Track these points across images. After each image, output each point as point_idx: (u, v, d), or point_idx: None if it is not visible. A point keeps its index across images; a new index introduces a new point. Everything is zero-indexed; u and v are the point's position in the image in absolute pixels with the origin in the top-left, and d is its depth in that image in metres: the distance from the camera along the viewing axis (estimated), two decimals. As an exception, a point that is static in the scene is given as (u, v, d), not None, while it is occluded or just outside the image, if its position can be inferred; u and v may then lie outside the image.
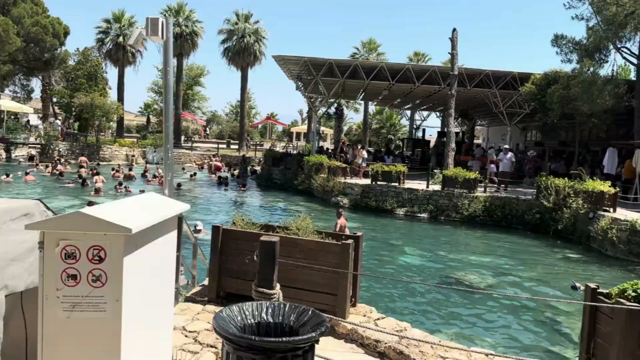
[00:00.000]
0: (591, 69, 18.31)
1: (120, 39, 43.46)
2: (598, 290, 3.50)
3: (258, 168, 32.56)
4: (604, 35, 18.98)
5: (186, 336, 3.69)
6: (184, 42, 44.43)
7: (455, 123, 42.87)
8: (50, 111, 44.88)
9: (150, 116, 64.84)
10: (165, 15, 43.82)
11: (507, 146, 22.46)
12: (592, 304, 3.31)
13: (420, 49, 50.35)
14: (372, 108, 52.19)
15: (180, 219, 5.22)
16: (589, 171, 21.20)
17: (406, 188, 19.58)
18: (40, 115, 48.17)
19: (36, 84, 43.95)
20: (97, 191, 20.18)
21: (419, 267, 12.22)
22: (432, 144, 37.09)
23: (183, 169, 32.43)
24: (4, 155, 33.12)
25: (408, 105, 37.99)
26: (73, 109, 36.21)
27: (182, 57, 45.83)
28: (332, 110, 51.10)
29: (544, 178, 16.96)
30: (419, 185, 20.38)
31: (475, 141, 45.51)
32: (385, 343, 3.84)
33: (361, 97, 34.49)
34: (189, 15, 45.23)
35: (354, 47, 47.23)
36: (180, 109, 46.67)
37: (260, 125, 62.80)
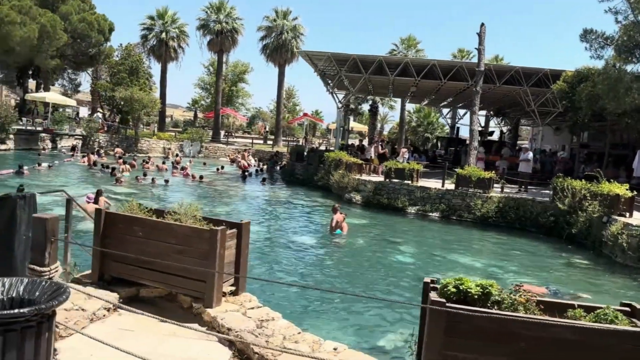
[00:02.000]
0: (617, 65, 17.21)
1: (163, 35, 44.82)
2: (432, 285, 3.30)
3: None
4: (637, 30, 17.81)
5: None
6: (224, 39, 45.29)
7: (496, 122, 41.83)
8: (97, 104, 46.98)
9: (198, 111, 66.70)
10: (207, 12, 45.06)
11: (526, 145, 21.57)
12: (425, 306, 3.12)
13: (465, 46, 49.02)
14: (412, 106, 51.49)
15: (68, 200, 5.35)
16: (624, 174, 20.12)
17: (419, 186, 19.16)
18: (89, 108, 50.59)
19: (84, 78, 46.09)
20: (118, 180, 20.91)
21: (405, 265, 11.93)
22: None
23: (204, 163, 33.17)
24: (49, 145, 34.93)
25: (443, 103, 37.18)
26: (114, 102, 37.70)
27: (222, 53, 46.72)
28: (363, 106, 50.73)
29: (560, 179, 16.17)
30: (436, 184, 19.93)
31: (523, 143, 44.01)
32: (236, 332, 3.78)
33: (391, 93, 33.95)
34: (230, 12, 45.99)
35: (393, 44, 46.65)
36: (220, 105, 47.56)
37: (305, 122, 63.13)
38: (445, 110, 41.12)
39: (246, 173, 27.46)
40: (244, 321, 3.98)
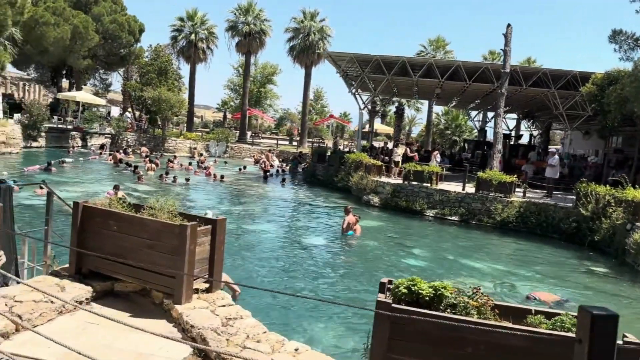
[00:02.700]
0: (647, 67, 16.51)
1: (193, 36, 45.44)
2: (388, 286, 3.15)
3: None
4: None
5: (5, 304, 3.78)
6: (252, 40, 45.60)
7: (526, 125, 40.83)
8: (128, 104, 47.97)
9: (227, 112, 67.45)
10: (235, 14, 45.51)
11: (553, 149, 20.93)
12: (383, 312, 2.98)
13: (496, 48, 48.08)
14: (440, 109, 50.82)
15: (49, 193, 5.39)
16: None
17: (438, 189, 18.83)
18: (121, 108, 51.71)
19: (115, 78, 47.15)
20: (139, 178, 21.25)
21: (415, 268, 11.69)
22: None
23: (225, 162, 33.49)
24: (80, 143, 35.87)
25: (471, 106, 36.53)
26: (143, 102, 38.44)
27: (250, 55, 47.06)
28: (389, 108, 50.27)
29: (583, 184, 15.61)
30: (456, 187, 19.56)
31: (554, 147, 42.78)
32: (199, 329, 3.71)
33: (416, 95, 33.54)
34: (258, 14, 46.27)
35: (421, 45, 46.11)
36: (247, 105, 47.93)
37: (332, 124, 63.01)
38: (473, 113, 40.47)
39: (267, 173, 27.53)
40: (210, 319, 3.91)
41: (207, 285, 4.49)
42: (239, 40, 45.94)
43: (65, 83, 43.80)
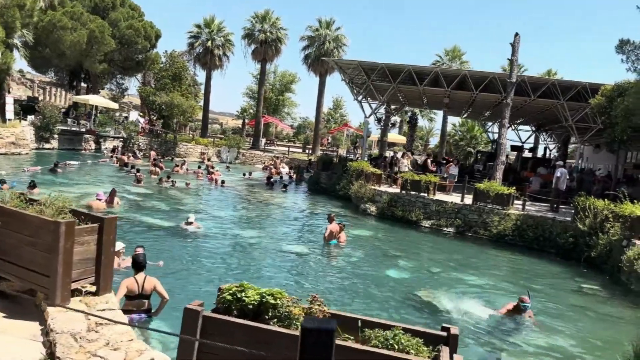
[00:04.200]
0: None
1: (209, 43, 45.86)
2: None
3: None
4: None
5: None
6: (267, 48, 45.80)
7: (544, 138, 39.85)
8: (145, 109, 48.59)
9: (246, 119, 67.87)
10: (252, 22, 45.81)
11: (560, 162, 20.24)
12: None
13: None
14: (457, 120, 50.11)
15: None
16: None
17: (435, 199, 18.36)
18: (140, 112, 52.42)
19: (133, 82, 47.83)
20: (139, 181, 21.30)
21: (395, 280, 11.28)
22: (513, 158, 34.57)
23: (228, 167, 33.57)
24: (93, 146, 36.37)
25: (484, 117, 35.84)
26: (156, 107, 38.83)
27: (266, 62, 47.24)
28: (397, 118, 49.72)
29: (582, 198, 14.98)
30: (455, 198, 19.09)
31: (571, 161, 41.60)
32: (56, 333, 3.48)
33: (425, 104, 33.05)
34: (275, 22, 46.48)
35: (437, 55, 45.67)
36: (261, 112, 48.06)
37: (349, 132, 62.62)
38: (489, 124, 39.71)
39: (271, 180, 27.37)
40: (76, 323, 3.67)
41: (94, 287, 4.26)
42: (255, 48, 46.18)
43: (83, 87, 44.61)
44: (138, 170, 23.99)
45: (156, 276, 7.10)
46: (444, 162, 27.72)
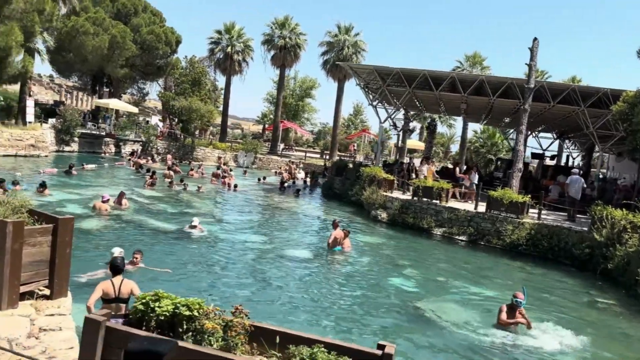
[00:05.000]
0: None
1: (229, 49, 46.13)
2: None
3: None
4: None
5: None
6: (287, 54, 45.82)
7: (568, 145, 38.82)
8: (165, 113, 49.13)
9: (266, 125, 68.12)
10: (271, 28, 45.96)
11: (575, 170, 19.56)
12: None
13: (540, 66, 46.37)
14: (478, 127, 49.31)
15: None
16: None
17: (447, 207, 17.92)
18: (160, 116, 53.05)
19: (154, 87, 48.44)
20: (152, 185, 21.37)
21: (397, 289, 10.93)
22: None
23: (244, 172, 33.55)
24: (113, 149, 36.83)
25: (503, 123, 35.08)
26: (175, 111, 39.16)
27: (284, 68, 47.28)
28: (416, 124, 49.17)
29: (599, 207, 14.38)
30: (469, 205, 18.62)
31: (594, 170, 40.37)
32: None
33: (443, 110, 32.50)
34: (294, 28, 46.51)
35: (457, 61, 45.03)
36: (279, 118, 48.09)
37: (369, 138, 62.15)
38: (510, 131, 38.89)
39: (285, 185, 27.21)
40: (17, 328, 3.51)
41: (48, 291, 4.10)
42: (275, 54, 46.27)
43: (105, 91, 45.35)
44: (154, 174, 24.09)
45: (135, 279, 6.95)
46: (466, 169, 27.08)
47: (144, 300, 2.45)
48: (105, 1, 40.49)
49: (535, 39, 20.94)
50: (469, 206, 18.30)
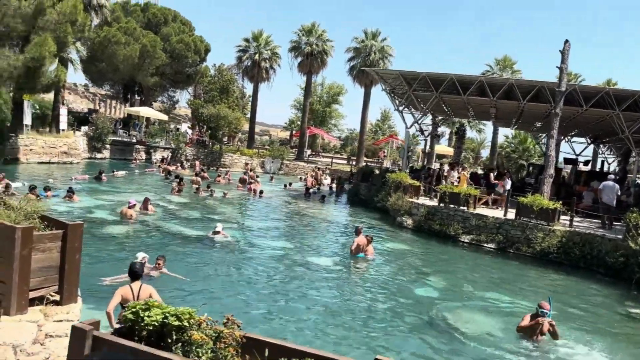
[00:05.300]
0: None
1: (257, 56, 46.55)
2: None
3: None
4: None
5: None
6: (313, 60, 45.96)
7: (604, 150, 37.64)
8: (195, 120, 49.87)
9: (293, 131, 68.43)
10: (298, 35, 46.23)
11: (611, 175, 18.89)
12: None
13: (572, 69, 45.38)
14: (509, 131, 48.34)
15: None
16: None
17: (475, 213, 17.52)
18: (190, 123, 53.89)
19: (183, 95, 49.28)
20: (179, 191, 21.62)
21: (421, 298, 10.68)
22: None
23: (271, 178, 33.67)
24: (143, 156, 37.58)
25: (535, 128, 34.27)
26: (204, 118, 39.71)
27: (311, 74, 47.41)
28: (444, 130, 48.45)
29: (635, 214, 13.80)
30: (497, 212, 18.19)
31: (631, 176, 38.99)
32: (-3, 343, 3.31)
33: (472, 115, 31.94)
34: (321, 34, 46.62)
35: (487, 65, 44.35)
36: (306, 124, 48.20)
37: (397, 143, 61.64)
38: (542, 136, 37.96)
39: (310, 191, 27.17)
40: (23, 335, 3.50)
41: (58, 296, 4.10)
42: (301, 60, 46.46)
43: (137, 99, 46.35)
44: (181, 180, 24.37)
45: (157, 285, 6.96)
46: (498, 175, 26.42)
47: (134, 309, 2.39)
48: (137, 11, 41.47)
49: (567, 41, 20.37)
50: (497, 213, 17.87)
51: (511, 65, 42.95)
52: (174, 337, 2.28)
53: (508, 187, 21.14)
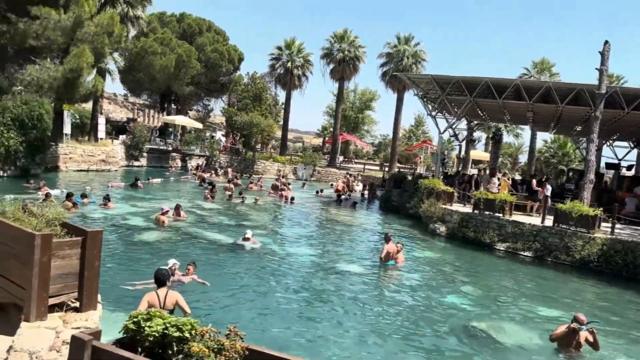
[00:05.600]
0: None
1: (289, 64, 46.86)
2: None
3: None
4: None
5: None
6: (345, 66, 45.94)
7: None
8: (229, 128, 50.53)
9: (326, 137, 68.49)
10: (330, 41, 46.33)
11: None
12: None
13: (614, 71, 43.82)
14: (548, 136, 47.05)
15: None
16: None
17: (511, 220, 17.01)
18: (224, 131, 54.65)
19: (218, 104, 50.05)
20: (212, 197, 21.87)
21: (453, 309, 10.36)
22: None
23: (303, 184, 33.70)
24: (179, 164, 38.28)
25: (575, 132, 33.16)
26: (237, 126, 40.17)
27: (343, 81, 47.38)
28: (480, 135, 47.38)
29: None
30: (534, 219, 17.62)
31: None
32: (14, 351, 3.32)
33: (508, 119, 31.18)
34: (353, 40, 46.57)
35: (524, 68, 43.36)
36: (338, 130, 48.15)
37: (432, 149, 60.80)
38: (582, 140, 36.72)
39: (341, 197, 27.02)
40: (41, 341, 3.51)
41: (78, 303, 4.11)
42: (334, 67, 46.50)
43: (173, 108, 47.32)
44: (213, 187, 24.62)
45: (187, 291, 6.97)
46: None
47: (135, 319, 2.34)
48: (172, 22, 42.43)
49: (607, 42, 19.68)
50: (534, 220, 17.31)
51: (549, 68, 41.83)
52: (175, 348, 2.22)
53: (549, 193, 20.43)
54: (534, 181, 22.39)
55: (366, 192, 31.73)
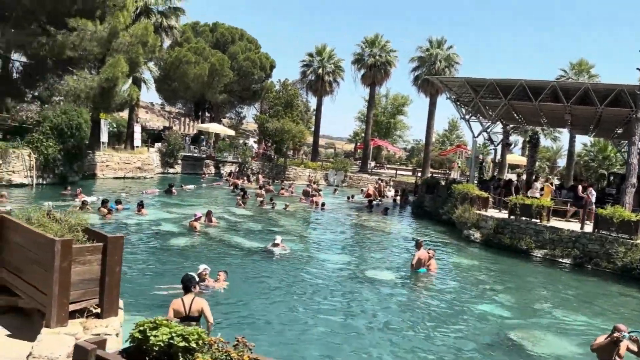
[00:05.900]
0: None
1: (320, 70, 46.95)
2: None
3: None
4: None
5: None
6: (376, 72, 45.68)
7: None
8: (261, 135, 50.97)
9: (357, 143, 68.29)
10: (362, 47, 46.21)
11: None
12: None
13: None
14: (588, 139, 45.55)
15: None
16: None
17: (549, 226, 16.45)
18: (256, 138, 55.15)
19: (250, 111, 50.60)
20: (244, 203, 22.00)
21: (487, 316, 10.03)
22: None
23: (334, 190, 33.52)
24: (213, 170, 38.79)
25: (616, 134, 31.95)
26: (269, 132, 40.46)
27: (374, 86, 47.12)
28: (517, 138, 46.11)
29: None
30: (573, 225, 16.99)
31: None
32: (33, 357, 3.31)
33: (545, 122, 30.28)
34: (384, 45, 46.30)
35: (561, 70, 42.12)
36: (370, 136, 47.86)
37: (469, 153, 59.58)
38: (624, 143, 35.36)
39: (373, 203, 26.76)
40: (59, 348, 3.49)
41: (99, 309, 4.10)
42: (365, 72, 46.31)
43: (207, 116, 48.08)
44: (245, 193, 24.77)
45: (216, 298, 6.95)
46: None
47: (141, 328, 2.27)
48: (206, 31, 43.16)
49: (649, 39, 18.89)
50: (573, 226, 16.68)
51: (588, 69, 40.49)
52: (181, 358, 2.14)
53: (593, 199, 19.58)
54: (580, 187, 21.48)
55: (398, 197, 31.37)
